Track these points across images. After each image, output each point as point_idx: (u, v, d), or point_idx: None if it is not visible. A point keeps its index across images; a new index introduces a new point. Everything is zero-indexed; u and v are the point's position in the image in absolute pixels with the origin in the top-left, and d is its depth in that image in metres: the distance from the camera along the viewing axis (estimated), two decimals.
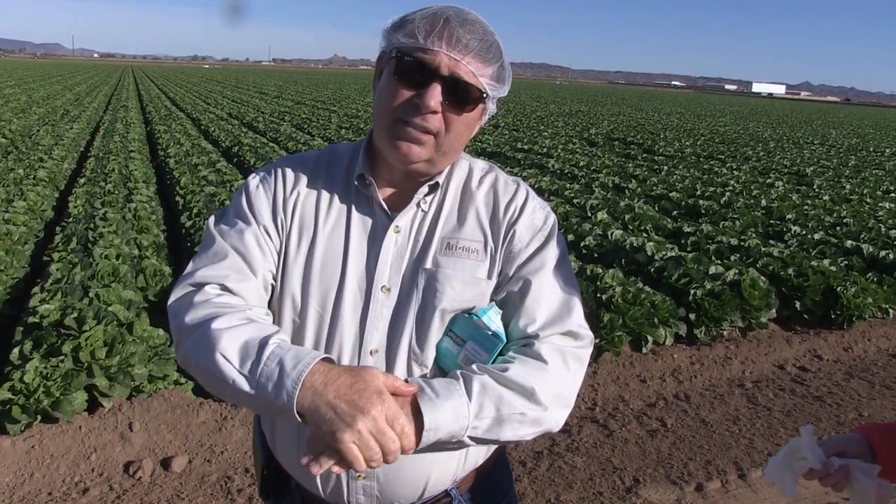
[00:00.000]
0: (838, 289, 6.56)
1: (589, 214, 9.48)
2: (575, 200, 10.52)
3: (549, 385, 1.40)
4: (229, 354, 1.28)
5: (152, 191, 10.05)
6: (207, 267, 1.45)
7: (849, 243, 8.50)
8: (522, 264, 1.50)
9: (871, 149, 26.55)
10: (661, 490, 3.87)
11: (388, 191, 1.52)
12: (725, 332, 6.09)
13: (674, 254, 7.27)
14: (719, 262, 7.21)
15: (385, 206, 1.49)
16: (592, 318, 5.37)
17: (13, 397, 3.93)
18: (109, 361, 4.25)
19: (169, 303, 1.45)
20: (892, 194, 14.10)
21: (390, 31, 1.42)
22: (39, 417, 3.98)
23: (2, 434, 3.92)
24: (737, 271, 6.62)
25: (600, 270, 6.35)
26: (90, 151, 14.34)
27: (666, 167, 15.99)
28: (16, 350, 4.36)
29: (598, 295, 5.85)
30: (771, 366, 5.71)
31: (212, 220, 1.55)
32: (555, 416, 1.42)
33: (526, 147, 19.09)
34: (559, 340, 1.47)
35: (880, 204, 12.37)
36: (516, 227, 1.51)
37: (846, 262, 7.69)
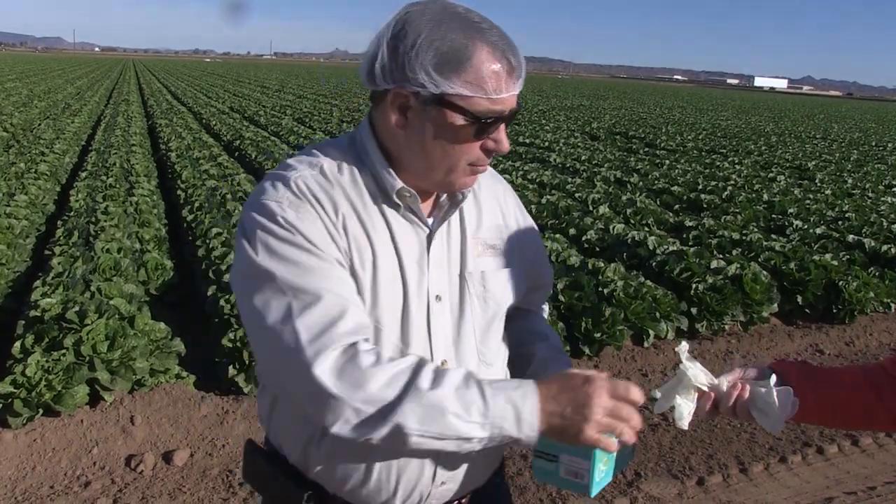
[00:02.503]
0: (840, 283, 6.56)
1: (591, 208, 9.47)
2: (577, 195, 10.51)
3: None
4: (460, 412, 1.23)
5: (154, 185, 10.05)
6: (340, 322, 1.26)
7: (851, 238, 8.49)
8: (531, 243, 1.63)
9: (874, 143, 26.49)
10: (663, 484, 3.87)
11: (424, 200, 1.46)
12: (727, 327, 6.09)
13: (675, 248, 7.26)
14: (721, 256, 7.20)
15: (425, 217, 1.44)
16: (594, 313, 5.37)
17: (15, 391, 3.93)
18: (111, 355, 4.25)
19: (321, 379, 1.22)
20: (895, 188, 14.07)
21: (439, 73, 1.27)
22: (41, 411, 3.98)
23: (4, 427, 3.92)
24: (738, 265, 6.62)
25: (602, 265, 6.35)
26: (91, 145, 14.33)
27: (668, 161, 15.96)
28: (17, 344, 4.36)
29: (600, 289, 5.84)
30: (773, 360, 5.70)
31: (268, 264, 1.29)
32: None
33: (527, 141, 19.07)
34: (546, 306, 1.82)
35: (882, 198, 12.34)
36: (516, 212, 1.61)
37: (848, 257, 7.68)
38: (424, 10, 1.30)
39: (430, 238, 1.44)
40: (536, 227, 1.69)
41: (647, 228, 8.59)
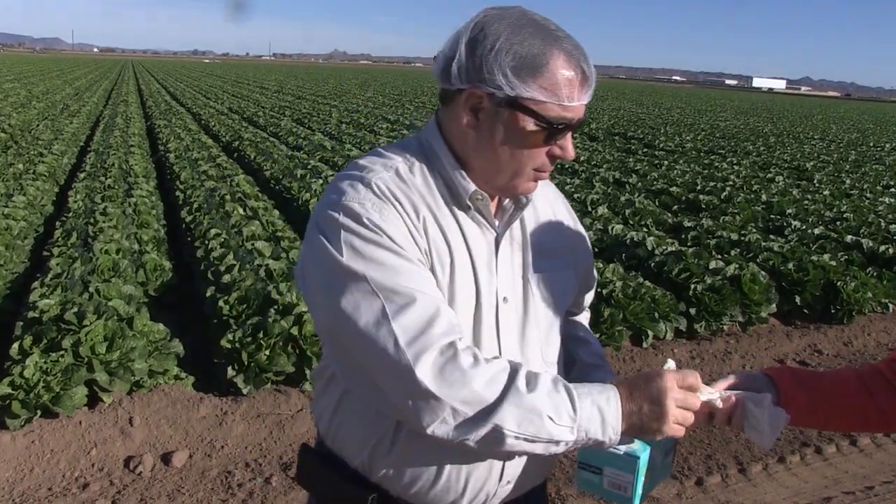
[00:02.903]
0: (838, 283, 6.56)
1: (589, 209, 9.47)
2: (575, 195, 10.52)
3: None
4: (554, 415, 1.25)
5: (152, 186, 10.05)
6: (436, 323, 1.26)
7: (849, 238, 8.50)
8: (582, 246, 1.67)
9: (872, 144, 26.53)
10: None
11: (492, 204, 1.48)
12: (726, 327, 6.10)
13: (674, 248, 7.26)
14: (719, 256, 7.21)
15: (493, 220, 1.46)
16: (593, 313, 5.36)
17: (13, 392, 3.93)
18: (110, 356, 4.25)
19: (423, 380, 1.23)
20: (892, 189, 14.09)
21: (516, 76, 1.28)
22: (39, 412, 3.97)
23: (2, 429, 3.91)
24: (737, 266, 6.62)
25: (601, 265, 6.35)
26: (90, 146, 14.33)
27: (666, 162, 15.98)
28: (16, 345, 4.36)
29: (599, 290, 5.84)
30: (771, 360, 5.71)
31: (358, 267, 1.28)
32: None
33: None
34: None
35: (880, 199, 12.36)
36: (567, 214, 1.65)
37: (846, 257, 7.69)
38: (503, 15, 1.33)
39: (497, 241, 1.46)
40: (584, 231, 1.72)
41: (645, 229, 8.59)
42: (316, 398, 1.59)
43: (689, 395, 1.33)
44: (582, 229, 1.70)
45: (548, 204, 1.61)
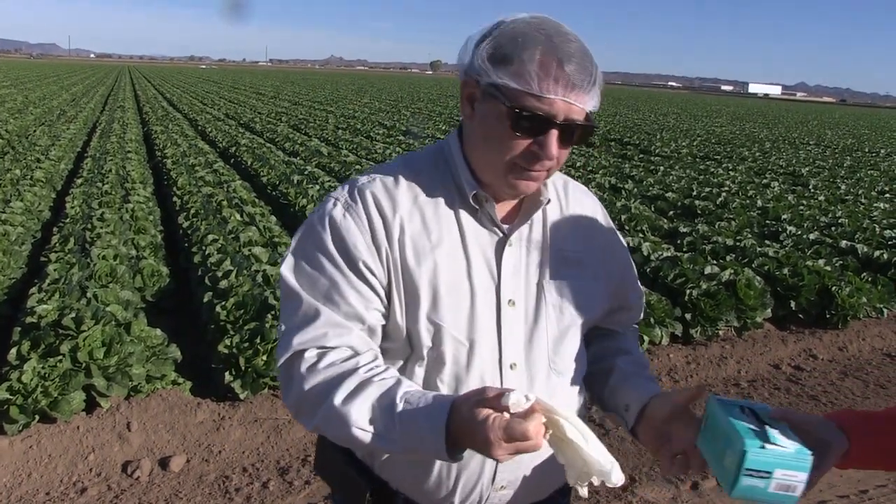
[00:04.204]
0: (833, 289, 6.59)
1: None
2: None
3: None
4: (364, 426, 1.29)
5: (149, 191, 10.06)
6: (300, 331, 1.37)
7: (844, 243, 8.53)
8: (621, 260, 1.65)
9: (867, 149, 26.63)
10: (657, 488, 3.89)
11: (501, 205, 1.48)
12: (721, 332, 6.12)
13: (670, 254, 7.30)
14: (715, 262, 7.23)
15: (499, 221, 1.45)
16: None
17: (11, 397, 3.94)
18: (107, 361, 4.26)
19: (279, 375, 1.44)
20: (887, 195, 14.14)
21: (491, 62, 1.32)
22: (37, 417, 3.99)
23: (0, 434, 3.93)
24: (732, 271, 6.65)
25: None
26: (87, 152, 14.33)
27: (662, 167, 16.02)
28: (13, 350, 4.36)
29: None
30: (766, 365, 5.74)
31: (288, 268, 1.42)
32: None
33: None
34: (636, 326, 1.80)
35: (875, 204, 12.41)
36: (604, 225, 1.63)
37: (841, 262, 7.72)
38: (515, 20, 1.36)
39: (503, 243, 1.45)
40: (627, 249, 1.71)
41: (641, 234, 8.62)
42: None
43: (512, 424, 1.14)
44: (623, 246, 1.68)
45: (582, 211, 1.59)
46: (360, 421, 1.28)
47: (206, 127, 20.49)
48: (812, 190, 13.98)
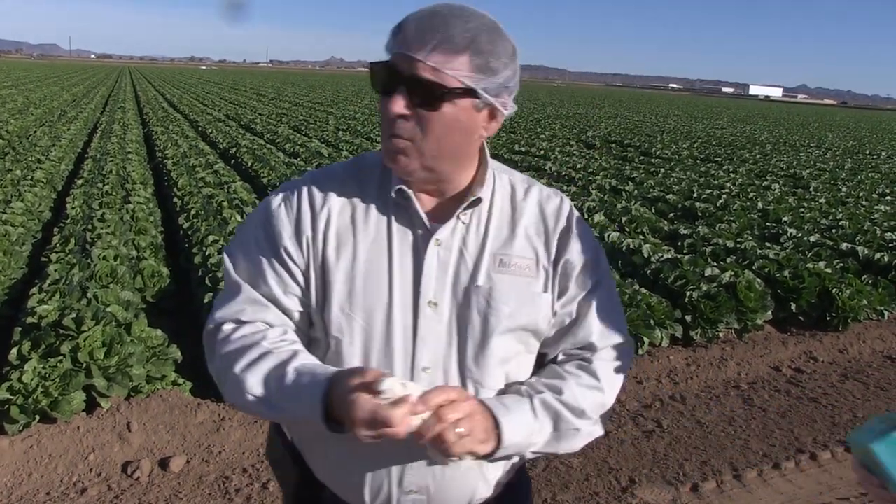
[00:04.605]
0: (833, 291, 6.59)
1: (586, 217, 9.50)
2: (572, 203, 10.55)
3: (599, 401, 1.49)
4: (257, 393, 1.36)
5: (150, 192, 10.06)
6: (224, 306, 1.47)
7: (844, 246, 8.53)
8: (579, 277, 1.50)
9: (868, 152, 26.63)
10: (657, 490, 3.89)
11: (430, 203, 1.46)
12: (721, 334, 6.12)
13: (670, 256, 7.29)
14: (715, 264, 7.23)
15: (426, 220, 1.43)
16: None
17: (11, 397, 3.94)
18: (108, 362, 4.26)
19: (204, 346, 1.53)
20: (888, 197, 14.14)
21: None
22: (38, 417, 3.99)
23: (0, 434, 3.93)
24: (733, 273, 6.65)
25: None
26: (88, 152, 14.33)
27: (663, 169, 16.03)
28: (14, 350, 4.37)
29: None
30: (766, 367, 5.74)
31: (227, 249, 1.51)
32: (602, 426, 1.53)
33: (523, 149, 19.13)
34: (611, 355, 1.54)
35: (876, 206, 12.40)
36: (569, 240, 1.50)
37: (841, 265, 7.72)
38: None
39: (427, 241, 1.42)
40: (606, 278, 1.56)
41: (641, 236, 8.62)
42: None
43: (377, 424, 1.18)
44: (598, 275, 1.53)
45: (542, 224, 1.51)
46: (254, 388, 1.35)
47: (206, 128, 20.49)
48: (813, 192, 13.98)
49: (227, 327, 1.45)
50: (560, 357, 1.54)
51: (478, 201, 1.44)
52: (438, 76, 1.28)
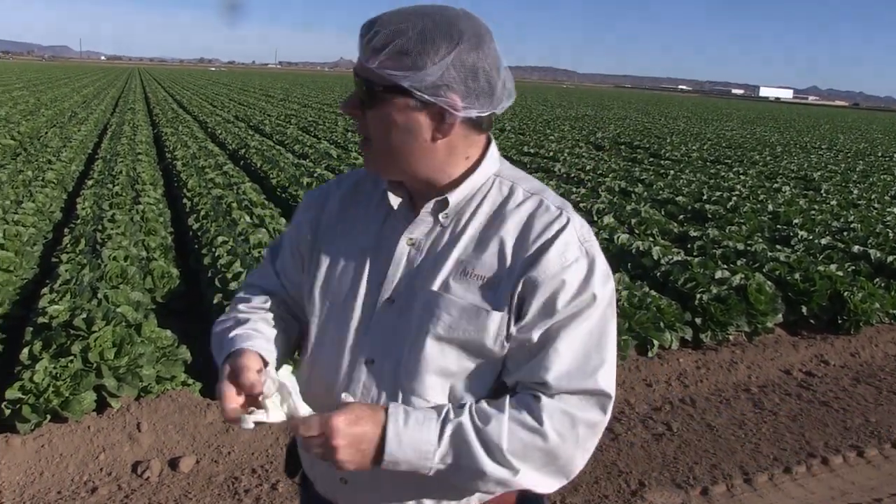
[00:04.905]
0: (845, 294, 6.55)
1: (595, 219, 9.49)
2: (581, 204, 10.53)
3: (534, 445, 1.31)
4: (214, 351, 1.52)
5: (160, 193, 10.10)
6: (252, 275, 1.72)
7: (856, 248, 8.48)
8: (546, 301, 1.34)
9: (880, 153, 26.51)
10: (667, 494, 3.87)
11: (420, 204, 1.44)
12: (731, 337, 6.09)
13: (680, 258, 7.27)
14: (725, 266, 7.21)
15: (404, 218, 1.44)
16: None
17: (23, 397, 3.96)
18: (118, 362, 4.27)
19: None
20: None
21: None
22: (49, 417, 4.01)
23: (12, 433, 3.95)
24: (743, 276, 6.62)
25: None
26: (98, 153, 14.40)
27: (672, 171, 15.98)
28: (25, 350, 4.39)
29: None
30: (777, 371, 5.71)
31: None
32: (532, 481, 1.34)
33: (532, 151, 19.11)
34: (572, 401, 1.34)
35: (888, 209, 12.34)
36: (542, 257, 1.34)
37: (853, 268, 7.68)
38: None
39: (398, 236, 1.44)
40: (594, 314, 1.35)
41: (651, 238, 8.60)
42: None
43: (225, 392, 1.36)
44: (573, 285, 1.34)
45: (523, 225, 1.39)
46: (213, 346, 1.54)
47: (215, 129, 20.55)
48: (824, 194, 13.91)
49: (239, 293, 1.66)
50: (517, 388, 1.39)
51: (443, 203, 1.40)
52: (369, 74, 1.30)
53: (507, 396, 1.35)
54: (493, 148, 1.45)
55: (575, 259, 1.35)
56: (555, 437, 1.31)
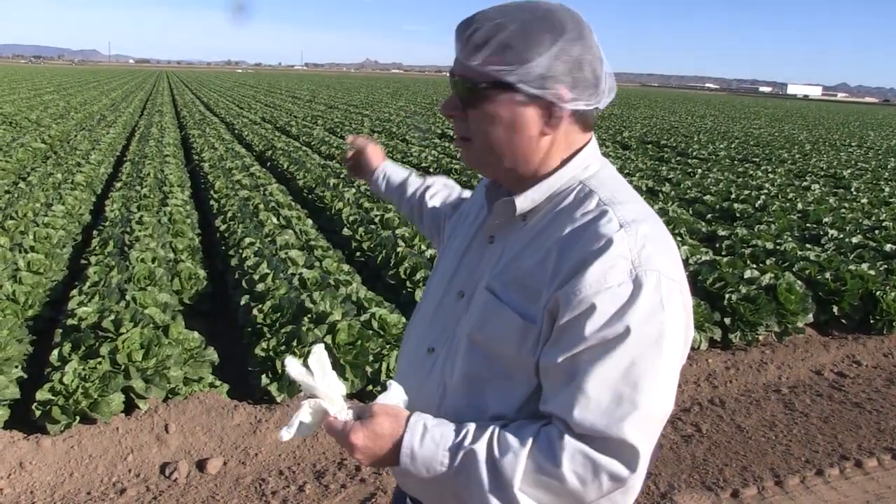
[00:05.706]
0: (877, 293, 6.44)
1: None
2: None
3: (547, 485, 1.20)
4: None
5: (187, 195, 10.18)
6: None
7: (888, 247, 8.34)
8: (571, 325, 1.21)
9: None
10: (697, 496, 3.82)
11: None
12: (761, 337, 6.01)
13: (708, 258, 7.19)
14: (754, 266, 7.12)
15: (491, 217, 1.45)
16: None
17: (53, 398, 4.00)
18: (146, 364, 4.30)
19: None
20: None
21: None
22: (78, 418, 4.05)
23: (42, 434, 3.99)
24: (772, 275, 6.53)
25: None
26: (126, 156, 14.56)
27: (700, 170, 15.84)
28: (55, 352, 4.44)
29: None
30: (808, 371, 5.62)
31: None
32: None
33: None
34: (595, 445, 1.19)
35: None
36: (579, 275, 1.21)
37: (885, 266, 7.54)
38: None
39: (476, 233, 1.50)
40: (630, 351, 1.18)
41: (679, 238, 8.52)
42: None
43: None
44: (608, 312, 1.18)
45: (574, 236, 1.27)
46: None
47: (242, 131, 20.68)
48: (854, 192, 13.70)
49: None
50: (552, 419, 1.25)
51: (510, 203, 1.35)
52: (470, 72, 1.28)
53: (539, 425, 1.25)
54: (586, 154, 1.37)
55: (617, 283, 1.19)
56: (574, 481, 1.18)
